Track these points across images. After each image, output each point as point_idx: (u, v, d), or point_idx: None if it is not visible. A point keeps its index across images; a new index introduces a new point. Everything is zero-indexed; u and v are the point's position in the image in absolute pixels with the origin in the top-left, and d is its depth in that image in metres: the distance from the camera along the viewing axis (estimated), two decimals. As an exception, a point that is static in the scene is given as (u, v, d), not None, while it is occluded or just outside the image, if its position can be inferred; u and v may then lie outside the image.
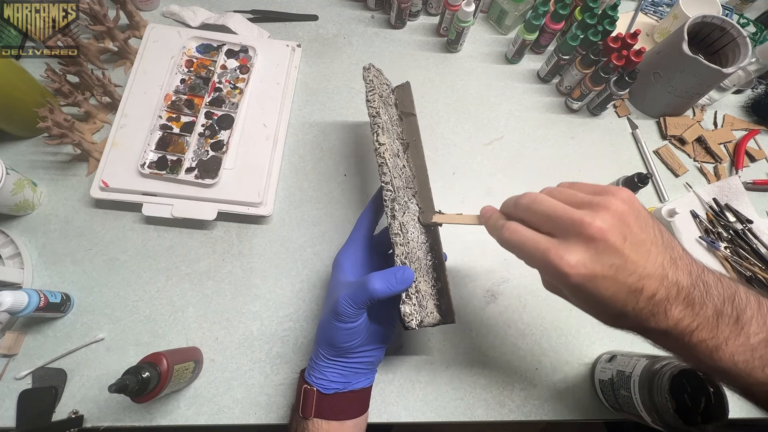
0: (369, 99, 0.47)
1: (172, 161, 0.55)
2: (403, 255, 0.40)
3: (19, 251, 0.51)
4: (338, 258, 0.45)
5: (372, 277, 0.37)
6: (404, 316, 0.38)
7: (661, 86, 0.66)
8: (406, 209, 0.42)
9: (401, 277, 0.37)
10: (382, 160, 0.43)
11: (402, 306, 0.38)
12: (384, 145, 0.44)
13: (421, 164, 0.47)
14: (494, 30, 0.75)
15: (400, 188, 0.43)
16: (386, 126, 0.46)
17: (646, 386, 0.44)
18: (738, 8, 0.81)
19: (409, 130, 0.48)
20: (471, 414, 0.51)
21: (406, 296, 0.38)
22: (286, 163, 0.61)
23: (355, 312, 0.38)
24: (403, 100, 0.50)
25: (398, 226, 0.41)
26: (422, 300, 0.39)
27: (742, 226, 0.62)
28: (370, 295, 0.37)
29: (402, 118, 0.48)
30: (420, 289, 0.40)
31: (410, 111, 0.49)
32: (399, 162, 0.45)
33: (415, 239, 0.42)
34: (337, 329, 0.39)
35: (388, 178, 0.42)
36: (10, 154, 0.57)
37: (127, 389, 0.36)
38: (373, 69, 0.50)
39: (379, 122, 0.45)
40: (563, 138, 0.67)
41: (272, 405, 0.49)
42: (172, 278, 0.53)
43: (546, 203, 0.31)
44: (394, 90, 0.51)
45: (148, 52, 0.61)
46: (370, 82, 0.49)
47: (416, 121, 0.49)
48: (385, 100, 0.49)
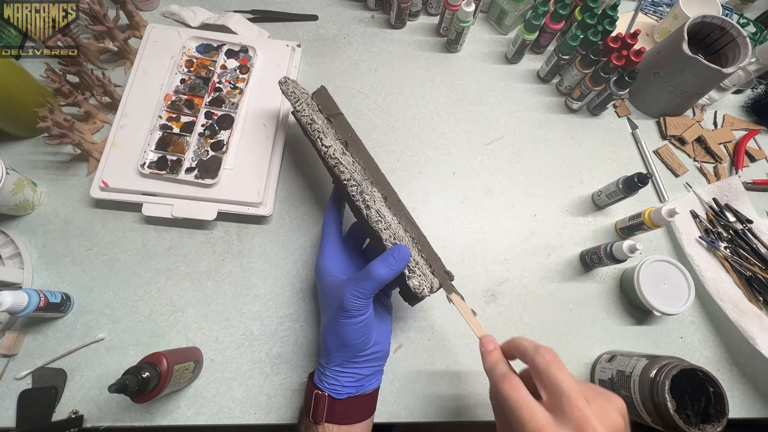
0: (298, 109, 0.48)
1: (172, 161, 0.55)
2: (392, 237, 0.41)
3: (19, 251, 0.51)
4: (321, 265, 0.45)
5: (373, 265, 0.38)
6: (415, 288, 0.40)
7: (661, 86, 0.66)
8: (374, 198, 0.43)
9: (399, 255, 0.39)
10: (335, 161, 0.44)
11: (409, 281, 0.40)
12: (331, 146, 0.45)
13: (367, 156, 0.48)
14: (494, 30, 0.75)
15: (361, 181, 0.44)
16: (324, 129, 0.47)
17: (646, 386, 0.44)
18: (738, 8, 0.81)
19: (342, 128, 0.49)
20: (471, 414, 0.51)
21: (409, 271, 0.40)
22: (286, 163, 0.61)
23: (364, 303, 0.39)
24: (324, 104, 0.51)
25: (376, 214, 0.42)
26: (423, 269, 0.41)
27: (742, 226, 0.62)
28: (378, 282, 0.38)
29: (330, 120, 0.49)
30: (417, 261, 0.41)
31: (336, 111, 0.50)
32: (349, 158, 0.46)
33: (392, 222, 0.43)
34: (347, 326, 0.39)
35: (348, 175, 0.44)
36: (10, 154, 0.57)
37: (127, 389, 0.36)
38: (289, 81, 0.51)
39: (317, 127, 0.47)
40: (563, 138, 0.67)
41: (272, 405, 0.49)
42: (172, 278, 0.53)
43: (566, 376, 0.30)
44: (312, 96, 0.52)
45: (148, 52, 0.61)
46: (292, 93, 0.49)
47: (345, 118, 0.50)
48: (311, 107, 0.49)
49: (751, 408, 0.55)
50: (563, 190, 0.64)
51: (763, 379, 0.56)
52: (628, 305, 0.58)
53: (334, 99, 0.51)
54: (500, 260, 0.59)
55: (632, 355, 0.50)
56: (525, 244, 0.60)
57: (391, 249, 0.39)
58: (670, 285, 0.54)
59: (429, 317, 0.55)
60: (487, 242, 0.60)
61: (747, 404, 0.55)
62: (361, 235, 0.51)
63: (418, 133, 0.65)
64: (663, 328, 0.58)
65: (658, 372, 0.44)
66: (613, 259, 0.53)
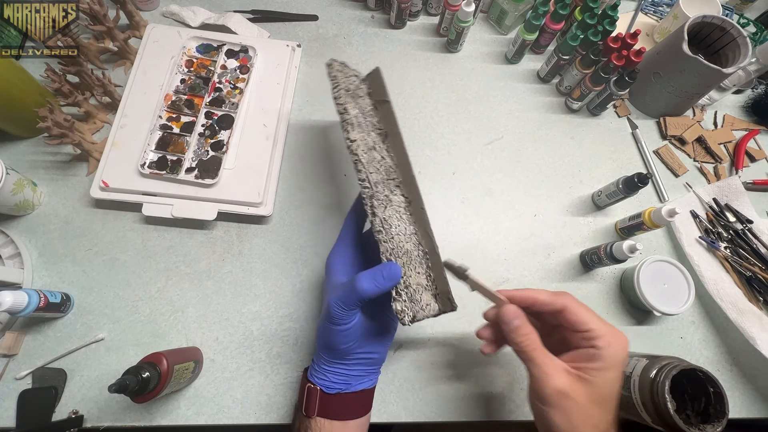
0: (335, 96, 0.46)
1: (172, 161, 0.55)
2: (388, 252, 0.39)
3: (19, 251, 0.51)
4: (329, 260, 0.44)
5: (359, 277, 0.37)
6: (397, 313, 0.37)
7: (661, 86, 0.66)
8: (387, 203, 0.41)
9: (388, 274, 0.37)
10: (356, 157, 0.43)
11: (393, 303, 0.38)
12: (356, 141, 0.43)
13: (403, 153, 0.45)
14: (494, 30, 0.75)
15: (378, 183, 0.42)
16: (357, 120, 0.45)
17: (646, 386, 0.44)
18: (738, 8, 0.81)
19: (386, 118, 0.46)
20: (471, 414, 0.51)
21: (395, 293, 0.38)
22: (286, 163, 0.61)
23: (346, 314, 0.38)
24: (375, 88, 0.48)
25: (380, 223, 0.40)
26: (414, 294, 0.38)
27: (742, 226, 0.62)
28: (360, 296, 0.36)
29: (377, 107, 0.47)
30: (410, 283, 0.39)
31: (384, 98, 0.47)
32: (376, 155, 0.44)
33: (402, 232, 0.41)
34: (332, 332, 0.39)
35: (364, 175, 0.42)
36: (10, 154, 0.57)
37: (127, 389, 0.36)
38: (336, 63, 0.49)
39: (347, 119, 0.45)
40: (563, 138, 0.67)
41: (272, 405, 0.49)
42: (172, 278, 0.53)
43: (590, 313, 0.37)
44: (364, 79, 0.49)
45: (148, 52, 0.61)
46: (334, 78, 0.47)
47: (391, 107, 0.47)
48: (353, 93, 0.47)
49: (751, 408, 0.55)
50: (563, 190, 0.64)
51: (763, 379, 0.56)
52: (628, 305, 0.58)
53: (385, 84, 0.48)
54: (500, 260, 0.59)
55: (632, 355, 0.50)
56: (525, 244, 0.60)
57: (382, 265, 0.37)
58: (670, 285, 0.54)
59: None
60: (487, 242, 0.60)
61: (747, 404, 0.55)
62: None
63: (418, 133, 0.65)
64: (663, 328, 0.58)
65: (658, 372, 0.44)
66: (613, 259, 0.53)
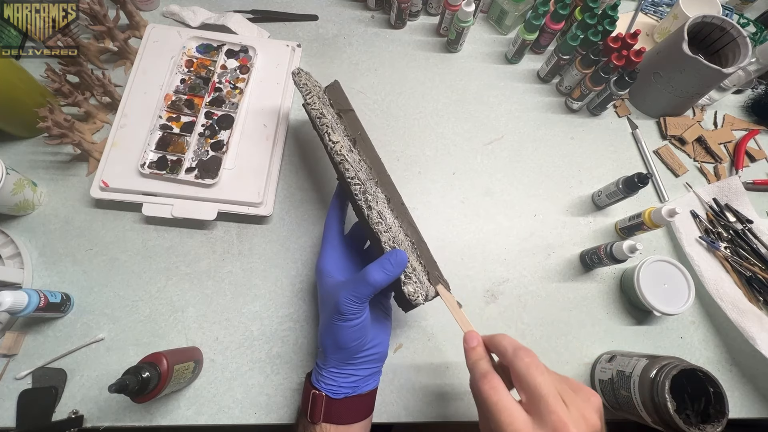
0: (308, 102, 0.48)
1: (172, 161, 0.55)
2: (391, 240, 0.41)
3: (19, 251, 0.51)
4: (320, 265, 0.45)
5: (369, 269, 0.38)
6: (409, 295, 0.39)
7: (661, 86, 0.66)
8: (376, 198, 0.43)
9: (396, 260, 0.38)
10: (341, 158, 0.44)
11: (404, 287, 0.39)
12: (338, 143, 0.45)
13: (374, 155, 0.47)
14: (494, 30, 0.75)
15: (365, 180, 0.43)
16: (333, 125, 0.46)
17: (646, 386, 0.44)
18: (738, 8, 0.81)
19: (352, 125, 0.48)
20: (471, 414, 0.51)
21: (405, 277, 0.39)
22: (286, 163, 0.61)
23: (359, 307, 0.38)
24: (336, 99, 0.50)
25: (377, 215, 0.41)
26: (419, 276, 0.40)
27: (742, 226, 0.62)
28: (373, 287, 0.37)
29: (341, 116, 0.49)
30: (414, 267, 0.41)
31: (347, 107, 0.49)
32: (355, 156, 0.46)
33: (393, 224, 0.43)
34: (343, 329, 0.39)
35: (353, 173, 0.43)
36: (10, 154, 0.57)
37: (127, 389, 0.36)
38: (303, 73, 0.50)
39: (326, 122, 0.46)
40: (563, 138, 0.67)
41: (272, 405, 0.49)
42: (172, 278, 0.53)
43: (545, 379, 0.30)
44: (325, 91, 0.51)
45: (148, 52, 0.61)
46: (304, 85, 0.49)
47: (355, 115, 0.49)
48: (322, 100, 0.49)
49: (751, 408, 0.55)
50: (563, 190, 0.64)
51: (763, 379, 0.56)
52: (628, 305, 0.58)
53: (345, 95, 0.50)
54: (500, 260, 0.59)
55: (632, 356, 0.50)
56: (525, 244, 0.60)
57: (388, 253, 0.39)
58: (670, 285, 0.54)
59: (429, 317, 0.55)
60: (486, 242, 0.60)
61: (747, 404, 0.55)
62: (363, 235, 0.51)
63: (418, 133, 0.65)
64: (663, 328, 0.58)
65: (658, 372, 0.44)
66: (613, 259, 0.53)
